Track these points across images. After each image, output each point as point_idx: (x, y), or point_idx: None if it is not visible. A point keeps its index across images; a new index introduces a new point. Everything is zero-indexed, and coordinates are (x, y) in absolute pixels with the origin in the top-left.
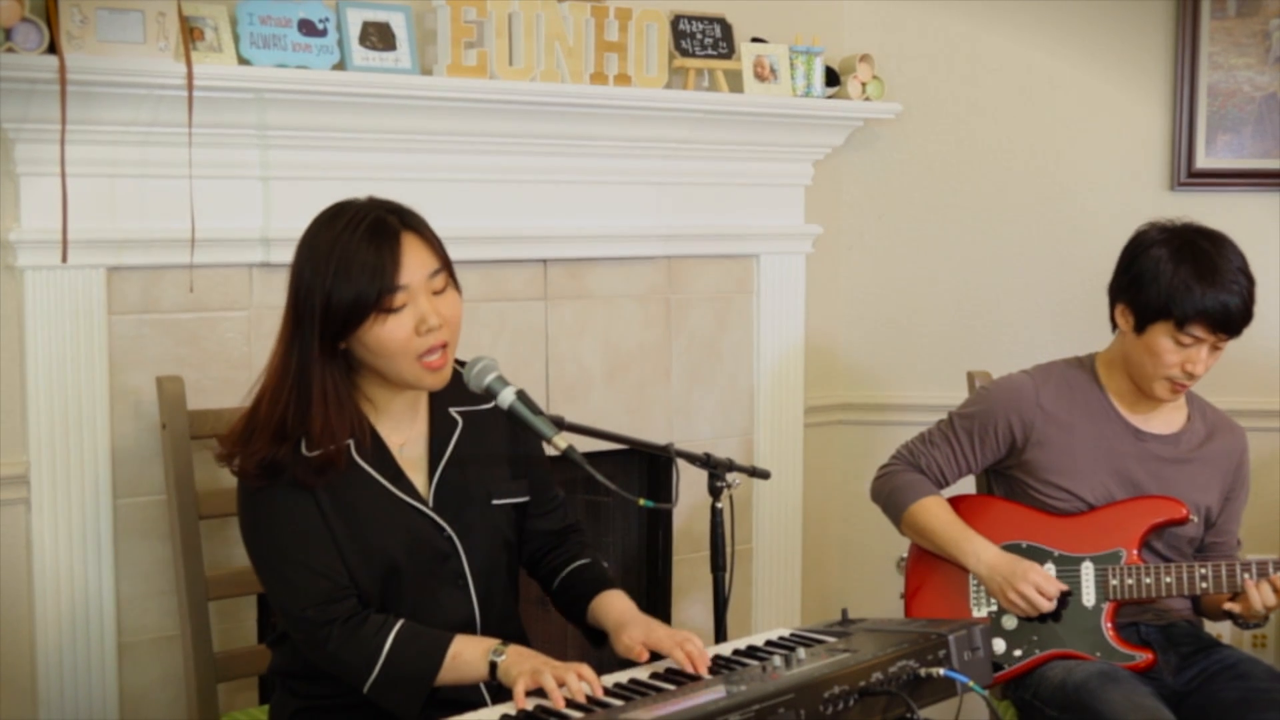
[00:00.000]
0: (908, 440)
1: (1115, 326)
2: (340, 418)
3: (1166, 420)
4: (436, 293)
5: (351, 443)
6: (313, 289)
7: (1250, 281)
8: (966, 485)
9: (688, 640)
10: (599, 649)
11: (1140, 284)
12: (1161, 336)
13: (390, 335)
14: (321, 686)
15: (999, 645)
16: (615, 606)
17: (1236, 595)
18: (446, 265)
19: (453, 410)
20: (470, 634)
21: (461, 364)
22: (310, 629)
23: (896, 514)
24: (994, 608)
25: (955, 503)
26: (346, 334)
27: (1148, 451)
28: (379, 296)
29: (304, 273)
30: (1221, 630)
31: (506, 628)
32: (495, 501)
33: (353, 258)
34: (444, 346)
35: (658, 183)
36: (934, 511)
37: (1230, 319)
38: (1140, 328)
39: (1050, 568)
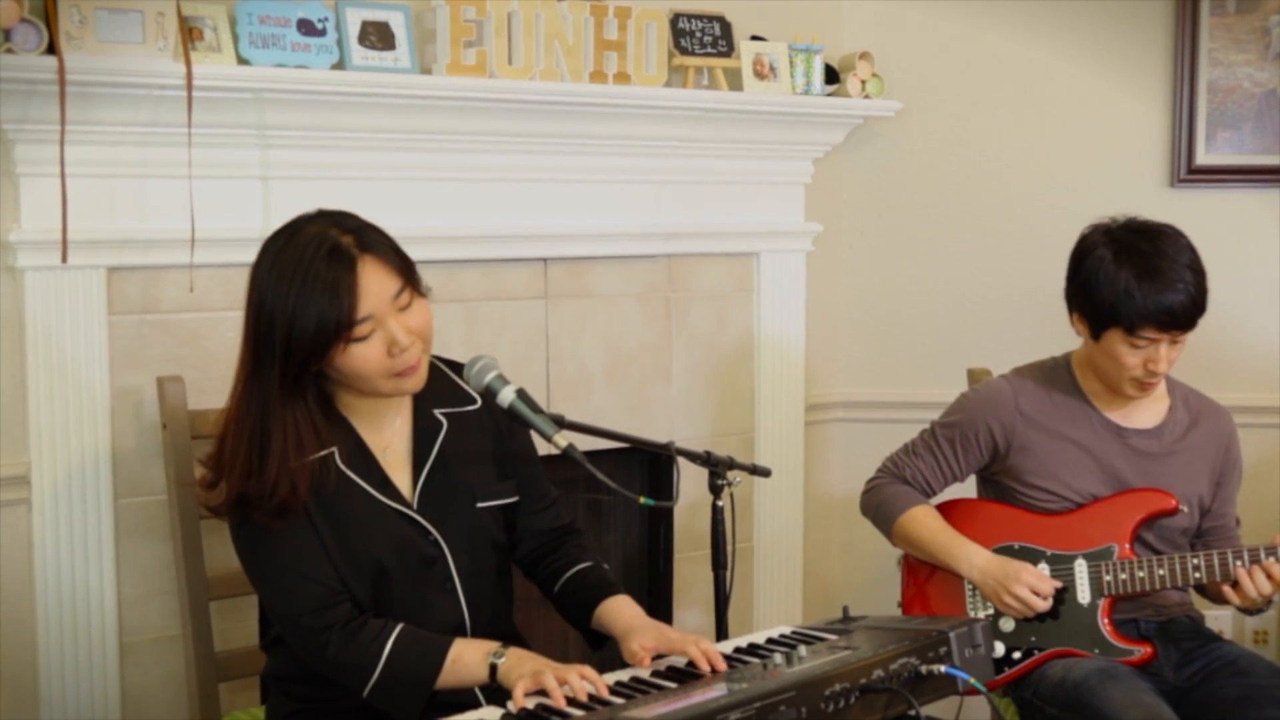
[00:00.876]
0: (892, 452)
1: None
2: (301, 464)
3: (1147, 414)
4: (403, 308)
5: (335, 449)
6: (273, 324)
7: (1197, 273)
8: (966, 489)
9: (702, 639)
10: (598, 651)
11: (1088, 292)
12: (1117, 343)
13: (361, 362)
14: (316, 689)
15: (998, 648)
16: (624, 613)
17: (1237, 584)
18: (409, 279)
19: (437, 412)
20: (463, 637)
21: (445, 362)
22: (308, 635)
23: (886, 527)
24: (990, 611)
25: (946, 507)
26: (310, 367)
27: (1131, 448)
28: (339, 331)
29: (263, 306)
30: (1223, 626)
31: (498, 630)
32: (480, 504)
33: (311, 294)
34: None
35: (657, 181)
36: (923, 521)
37: (1177, 318)
38: (1095, 335)
39: (1043, 567)
